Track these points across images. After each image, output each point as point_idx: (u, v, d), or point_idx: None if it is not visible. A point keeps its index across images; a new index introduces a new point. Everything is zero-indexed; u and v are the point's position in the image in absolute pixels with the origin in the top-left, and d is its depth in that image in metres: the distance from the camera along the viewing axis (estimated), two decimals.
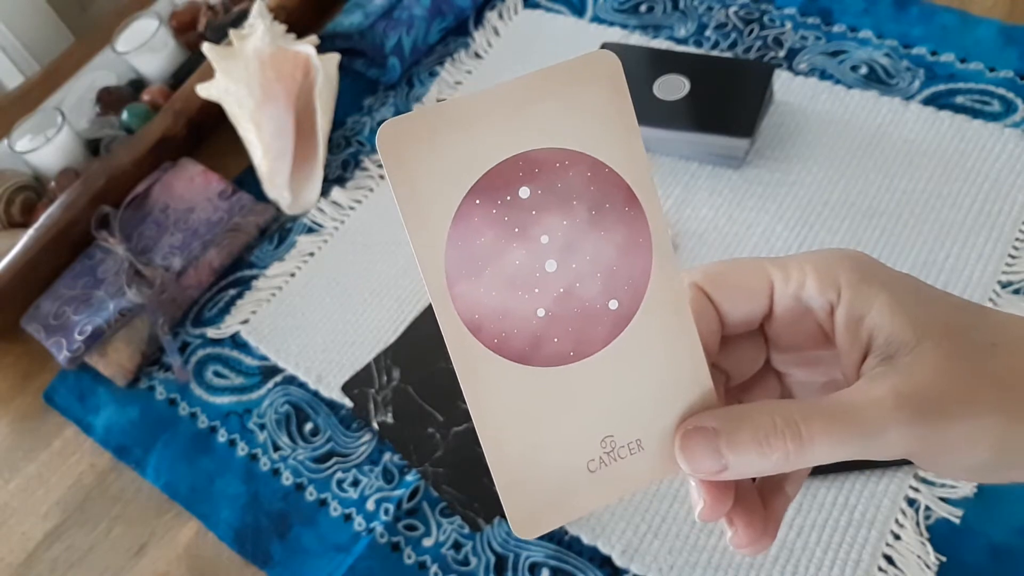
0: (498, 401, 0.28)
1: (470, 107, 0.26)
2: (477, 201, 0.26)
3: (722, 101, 0.71)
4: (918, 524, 0.53)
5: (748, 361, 0.31)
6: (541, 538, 0.57)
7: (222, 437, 0.68)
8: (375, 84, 0.88)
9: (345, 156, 0.82)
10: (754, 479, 0.30)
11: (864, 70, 0.75)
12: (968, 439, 0.26)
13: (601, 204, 0.27)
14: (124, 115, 0.85)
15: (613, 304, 0.28)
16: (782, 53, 0.78)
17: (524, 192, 0.27)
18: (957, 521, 0.52)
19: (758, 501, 0.29)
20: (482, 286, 0.27)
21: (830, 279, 0.28)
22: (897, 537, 0.53)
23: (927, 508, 0.53)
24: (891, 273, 0.28)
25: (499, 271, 0.27)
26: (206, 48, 0.78)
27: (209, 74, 0.80)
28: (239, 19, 0.87)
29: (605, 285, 0.28)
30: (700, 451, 0.27)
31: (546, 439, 0.28)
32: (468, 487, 0.59)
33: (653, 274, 0.28)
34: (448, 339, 0.27)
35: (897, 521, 0.53)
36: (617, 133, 0.27)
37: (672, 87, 0.73)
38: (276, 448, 0.66)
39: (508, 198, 0.27)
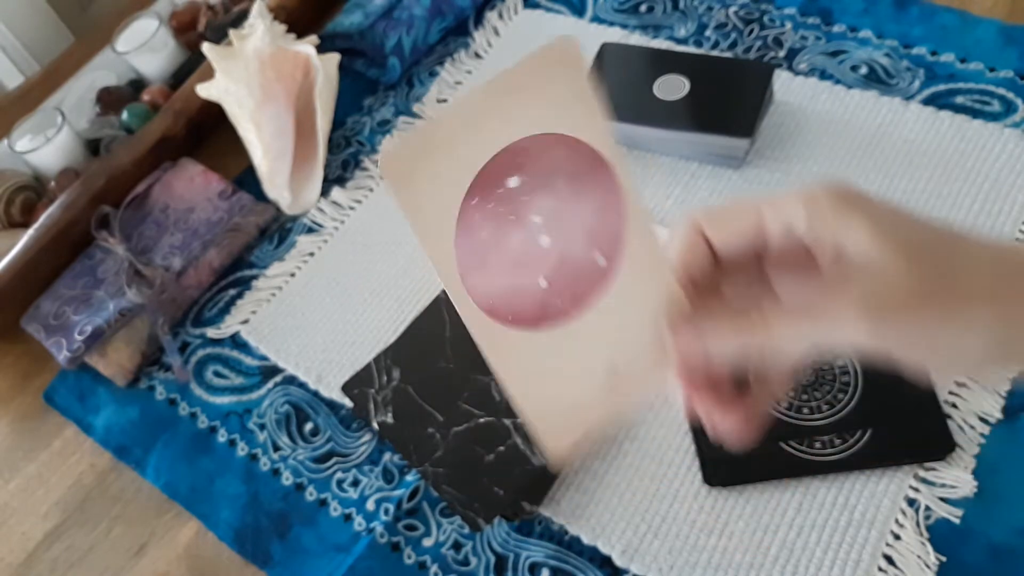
0: (519, 364, 0.32)
1: (452, 120, 0.29)
2: (475, 201, 0.29)
3: (722, 101, 0.71)
4: (918, 524, 0.53)
5: (747, 284, 0.36)
6: (541, 538, 0.57)
7: (222, 437, 0.68)
8: (375, 84, 0.88)
9: (345, 156, 0.83)
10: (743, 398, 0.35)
11: (864, 70, 0.75)
12: (950, 336, 0.30)
13: (578, 174, 0.31)
14: (124, 115, 0.85)
15: (601, 260, 0.32)
16: (782, 53, 0.78)
17: (513, 181, 0.30)
18: (957, 521, 0.52)
19: (739, 401, 0.35)
20: (491, 274, 0.30)
21: (815, 208, 0.31)
22: (897, 537, 0.53)
23: (927, 508, 0.53)
24: (872, 200, 0.31)
25: (503, 257, 0.30)
26: (206, 48, 0.78)
27: (209, 74, 0.80)
28: (239, 19, 0.87)
29: (591, 243, 0.32)
30: (685, 336, 0.33)
31: (563, 379, 0.33)
32: (468, 487, 0.59)
33: (629, 223, 0.32)
34: (469, 324, 0.30)
35: (897, 521, 0.53)
36: (582, 108, 0.30)
37: (672, 87, 0.73)
38: (276, 448, 0.66)
39: (500, 190, 0.30)
